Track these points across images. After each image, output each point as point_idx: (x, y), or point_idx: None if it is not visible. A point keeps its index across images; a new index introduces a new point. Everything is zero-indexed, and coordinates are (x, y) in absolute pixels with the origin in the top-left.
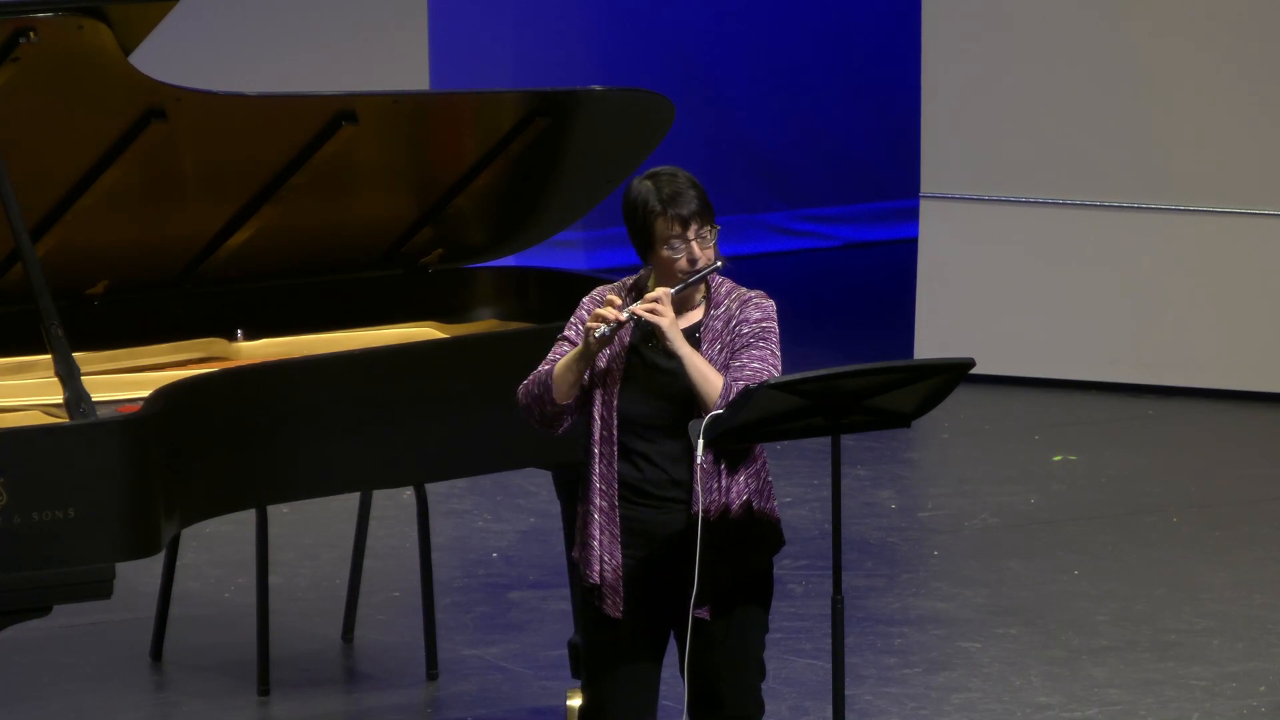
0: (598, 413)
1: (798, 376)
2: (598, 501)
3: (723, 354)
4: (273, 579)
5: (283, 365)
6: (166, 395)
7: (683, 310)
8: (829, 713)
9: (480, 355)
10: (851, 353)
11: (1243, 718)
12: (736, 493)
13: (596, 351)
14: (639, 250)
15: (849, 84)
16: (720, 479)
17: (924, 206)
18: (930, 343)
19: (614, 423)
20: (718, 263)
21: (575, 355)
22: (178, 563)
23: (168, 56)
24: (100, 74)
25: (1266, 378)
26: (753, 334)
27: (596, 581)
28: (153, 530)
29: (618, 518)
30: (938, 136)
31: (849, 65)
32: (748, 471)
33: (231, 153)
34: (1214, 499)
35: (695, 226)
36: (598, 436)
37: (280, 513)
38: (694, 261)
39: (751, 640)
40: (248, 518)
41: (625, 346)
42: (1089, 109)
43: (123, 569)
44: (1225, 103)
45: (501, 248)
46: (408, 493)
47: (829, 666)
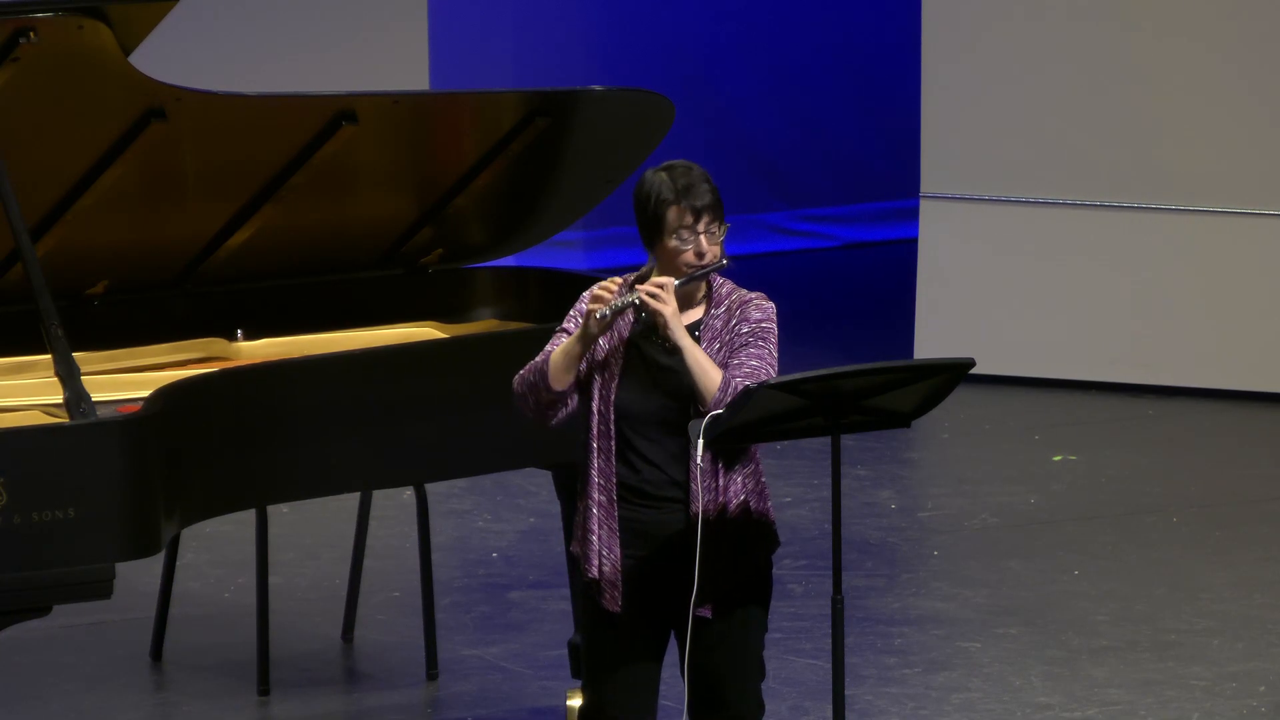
0: (596, 407)
1: (798, 376)
2: (596, 496)
3: (721, 353)
4: (273, 579)
5: (282, 365)
6: (166, 395)
7: (684, 308)
8: (829, 713)
9: (480, 355)
10: (851, 353)
11: (1243, 718)
12: (734, 492)
13: (596, 334)
14: (646, 241)
15: (849, 84)
16: (718, 478)
17: (924, 206)
18: (930, 343)
19: (612, 417)
20: (723, 261)
21: (574, 339)
22: (178, 563)
23: (168, 56)
24: (100, 74)
25: (1266, 378)
26: (752, 333)
27: (595, 576)
28: (153, 530)
29: (616, 512)
30: (938, 136)
31: (849, 65)
32: (744, 471)
33: (231, 153)
34: (1214, 499)
35: (706, 220)
36: (595, 431)
37: (280, 513)
38: (701, 255)
39: (751, 640)
40: (248, 518)
41: (625, 341)
42: (1089, 109)
43: (123, 569)
44: (1225, 103)
45: (501, 248)
46: (408, 493)
47: (829, 666)
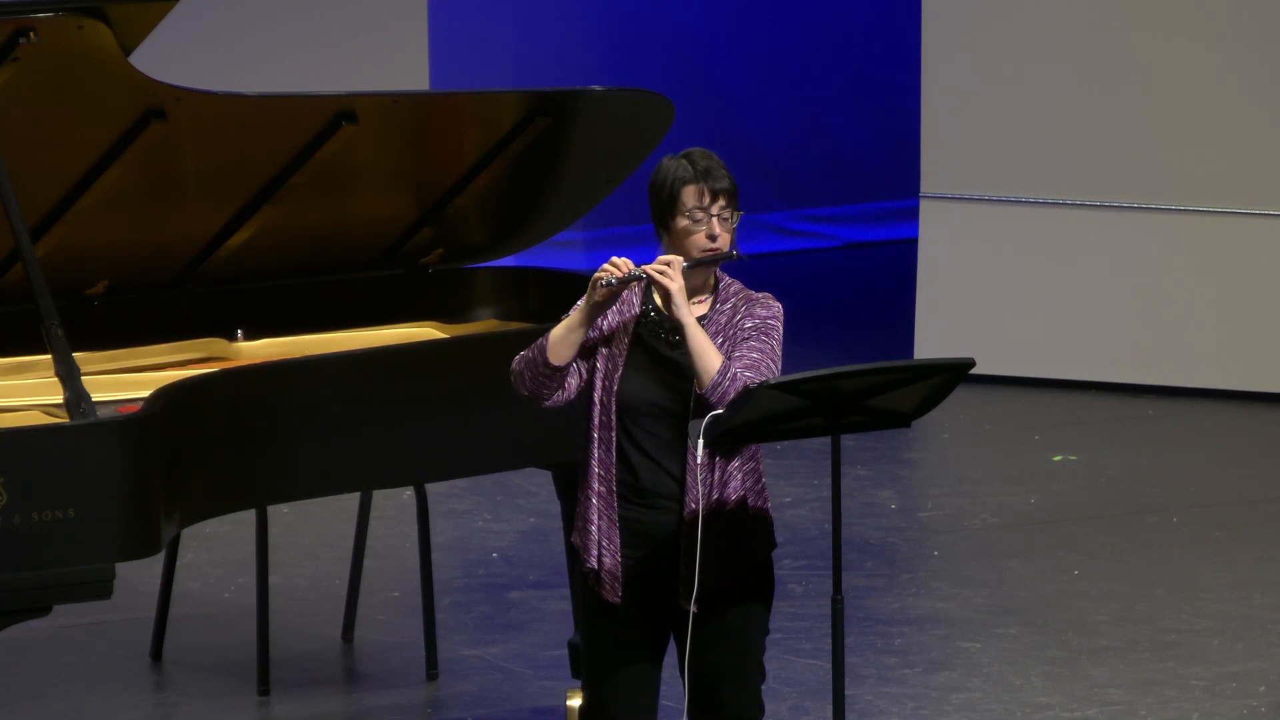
0: (597, 398)
1: (798, 376)
2: (596, 487)
3: (724, 346)
4: (273, 579)
5: (282, 365)
6: (166, 395)
7: (690, 299)
8: (829, 713)
9: (480, 355)
10: (851, 353)
11: (1243, 718)
12: (733, 489)
13: (600, 303)
14: (658, 223)
15: (849, 84)
16: (716, 475)
17: (924, 206)
18: (930, 343)
19: (613, 408)
20: (733, 252)
21: (578, 309)
22: (178, 563)
23: (168, 56)
24: (100, 74)
25: (1266, 378)
26: (756, 329)
27: (595, 566)
28: (153, 530)
29: (615, 504)
30: (938, 136)
31: (849, 65)
32: (743, 470)
33: (231, 153)
34: (1214, 499)
35: (721, 203)
36: (597, 422)
37: (280, 513)
38: (713, 238)
39: (751, 640)
40: (248, 518)
41: (629, 333)
42: (1089, 109)
43: (123, 569)
44: (1225, 103)
45: (501, 248)
46: (408, 493)
47: (829, 666)
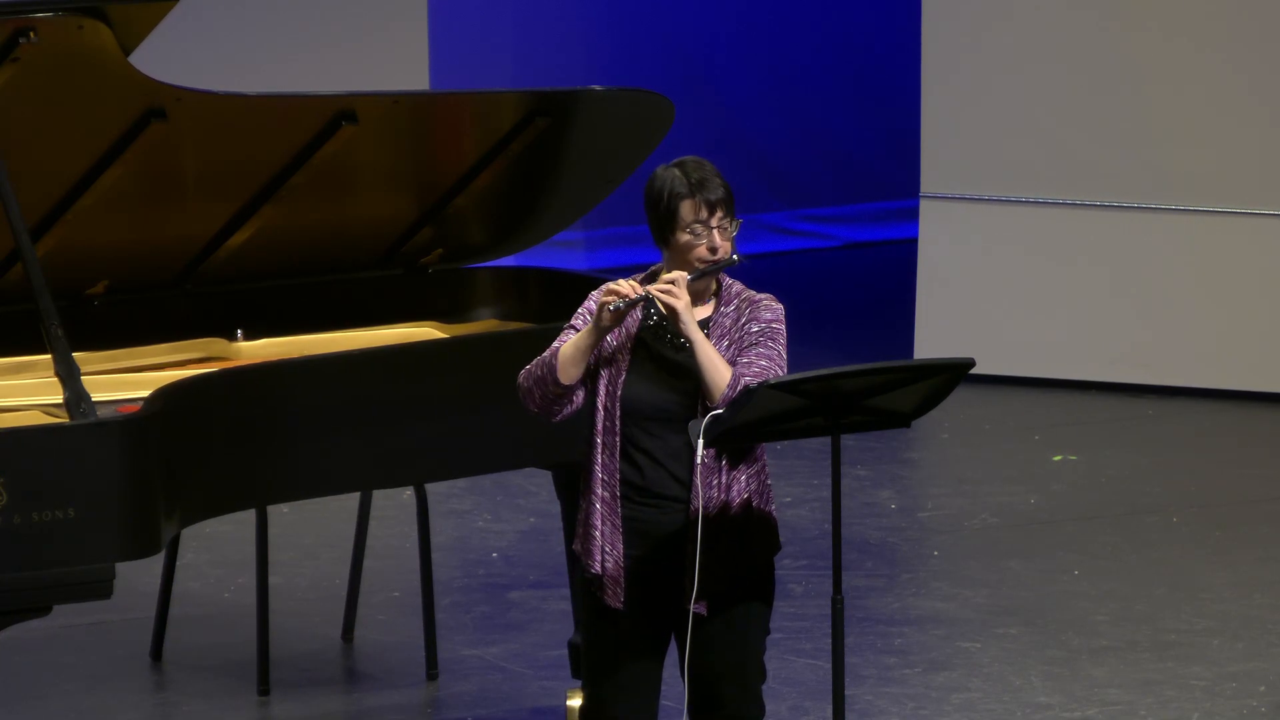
0: (601, 403)
1: (798, 376)
2: (599, 492)
3: (730, 350)
4: (273, 579)
5: (282, 365)
6: (166, 395)
7: (693, 304)
8: (829, 713)
9: (480, 355)
10: (851, 353)
11: (1243, 718)
12: (737, 491)
13: (608, 327)
14: (658, 236)
15: (849, 84)
16: (721, 476)
17: (924, 206)
18: (930, 343)
19: (617, 413)
20: (735, 257)
21: (586, 332)
22: (178, 563)
23: (168, 56)
24: (100, 74)
25: (1266, 378)
26: (762, 333)
27: (598, 572)
28: (153, 530)
29: (619, 509)
30: (938, 136)
31: (849, 65)
32: (748, 471)
33: (231, 153)
34: (1214, 499)
35: (719, 214)
36: (600, 427)
37: (280, 513)
38: (714, 249)
39: (751, 640)
40: (248, 518)
41: (632, 338)
42: (1089, 109)
43: (123, 569)
44: (1225, 103)
45: (501, 248)
46: (408, 493)
47: (829, 666)
